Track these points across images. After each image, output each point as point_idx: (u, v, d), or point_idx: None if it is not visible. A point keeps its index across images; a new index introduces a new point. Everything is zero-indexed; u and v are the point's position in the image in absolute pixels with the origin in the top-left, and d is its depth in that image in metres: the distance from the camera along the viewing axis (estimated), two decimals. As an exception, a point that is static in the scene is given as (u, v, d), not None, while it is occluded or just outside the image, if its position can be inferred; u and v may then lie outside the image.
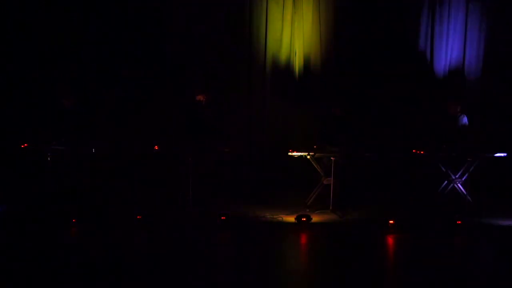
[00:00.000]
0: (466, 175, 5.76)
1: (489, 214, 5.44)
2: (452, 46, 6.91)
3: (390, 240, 4.79)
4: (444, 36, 6.89)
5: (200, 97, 5.99)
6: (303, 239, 4.86)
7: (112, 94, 6.90)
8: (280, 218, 5.35)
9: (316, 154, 5.66)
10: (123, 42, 6.84)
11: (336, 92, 6.79)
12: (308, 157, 5.63)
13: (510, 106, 6.71)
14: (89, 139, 6.02)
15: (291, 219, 5.20)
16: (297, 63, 6.94)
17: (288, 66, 6.97)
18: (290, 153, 5.64)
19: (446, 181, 5.88)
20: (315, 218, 5.20)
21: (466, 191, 5.74)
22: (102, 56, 6.83)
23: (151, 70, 6.94)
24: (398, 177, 6.92)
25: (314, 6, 6.81)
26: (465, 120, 6.09)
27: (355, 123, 6.25)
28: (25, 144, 5.61)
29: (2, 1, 6.61)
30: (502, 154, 5.66)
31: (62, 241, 4.73)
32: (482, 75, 6.85)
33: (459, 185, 5.76)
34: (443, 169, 5.79)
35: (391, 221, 4.96)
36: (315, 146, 5.74)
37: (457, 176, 5.77)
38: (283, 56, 6.95)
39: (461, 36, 6.87)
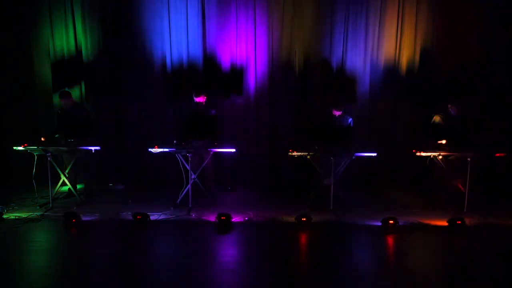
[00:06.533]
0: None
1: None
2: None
3: (390, 240, 4.80)
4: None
5: (199, 98, 5.98)
6: (303, 239, 4.86)
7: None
8: (280, 218, 5.36)
9: (316, 154, 5.66)
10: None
11: (336, 92, 6.80)
12: (308, 157, 5.63)
13: None
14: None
15: (291, 219, 5.22)
16: (297, 63, 6.93)
17: (288, 66, 6.96)
18: (290, 153, 5.64)
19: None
20: (315, 218, 5.21)
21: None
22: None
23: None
24: (399, 176, 6.95)
25: (314, 6, 6.80)
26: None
27: (356, 123, 6.26)
28: (25, 144, 5.59)
29: None
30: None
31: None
32: None
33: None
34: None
35: (391, 221, 4.98)
36: (315, 146, 5.75)
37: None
38: (283, 56, 6.94)
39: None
